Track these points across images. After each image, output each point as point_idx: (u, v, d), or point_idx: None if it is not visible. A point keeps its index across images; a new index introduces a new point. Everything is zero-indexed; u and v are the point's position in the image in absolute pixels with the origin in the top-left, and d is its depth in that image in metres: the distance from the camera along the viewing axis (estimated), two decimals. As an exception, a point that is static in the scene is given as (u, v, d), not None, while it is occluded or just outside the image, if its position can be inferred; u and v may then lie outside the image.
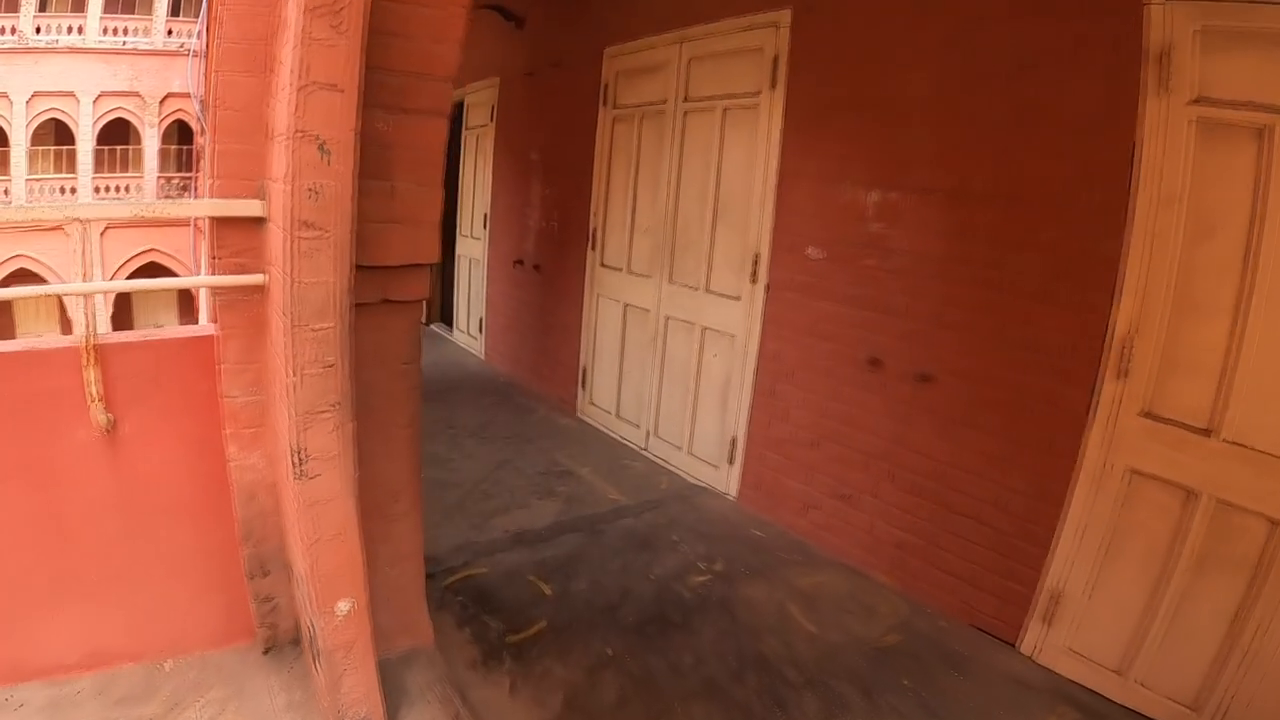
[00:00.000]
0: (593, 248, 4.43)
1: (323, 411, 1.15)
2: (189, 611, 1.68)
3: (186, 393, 1.48)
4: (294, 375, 1.10)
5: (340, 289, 1.13)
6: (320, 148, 1.09)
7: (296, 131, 1.08)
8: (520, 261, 5.37)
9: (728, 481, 3.50)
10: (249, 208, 1.39)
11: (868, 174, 2.75)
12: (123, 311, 15.85)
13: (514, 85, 5.41)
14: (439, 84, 1.38)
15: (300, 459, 1.16)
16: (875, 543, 2.84)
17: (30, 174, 14.68)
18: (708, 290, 3.54)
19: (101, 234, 14.12)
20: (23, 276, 13.90)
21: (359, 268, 1.29)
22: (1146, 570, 2.09)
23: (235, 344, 1.41)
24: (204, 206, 1.40)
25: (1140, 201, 2.02)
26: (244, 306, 1.42)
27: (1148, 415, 2.07)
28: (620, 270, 4.21)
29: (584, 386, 4.67)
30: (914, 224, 2.62)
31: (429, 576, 2.56)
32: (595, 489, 3.57)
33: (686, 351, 3.71)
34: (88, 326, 1.34)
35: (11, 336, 13.55)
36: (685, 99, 3.59)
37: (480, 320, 6.28)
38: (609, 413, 4.43)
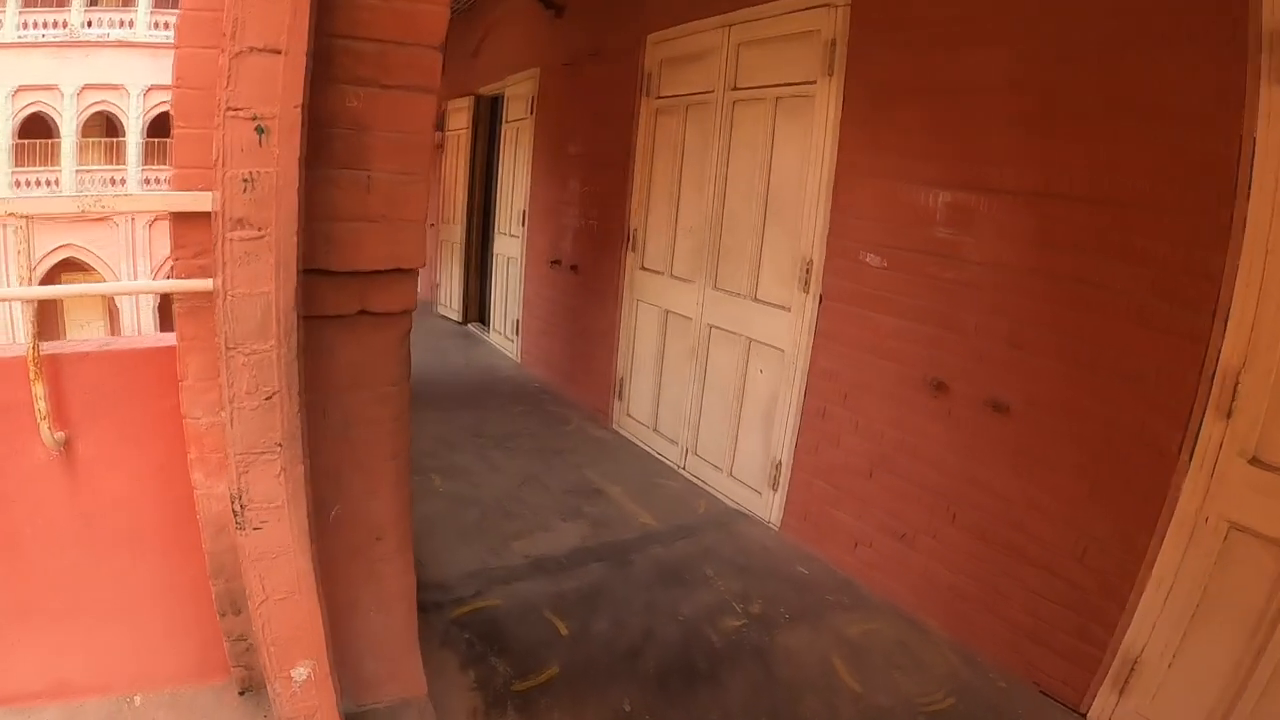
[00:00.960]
0: (632, 249, 4.27)
1: (264, 452, 1.00)
2: (159, 646, 1.59)
3: (148, 411, 1.37)
4: (228, 408, 0.96)
5: (283, 302, 0.96)
6: (256, 126, 0.93)
7: (227, 108, 0.92)
8: (557, 261, 5.24)
9: (770, 509, 3.28)
10: (199, 201, 1.19)
11: (936, 171, 2.50)
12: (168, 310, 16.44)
13: (553, 76, 5.29)
14: (425, 52, 1.20)
15: (241, 507, 1.02)
16: (931, 587, 2.59)
17: (80, 165, 15.36)
18: (754, 299, 3.33)
19: (149, 225, 14.64)
20: (71, 267, 14.52)
21: (329, 274, 1.15)
22: (1240, 640, 1.81)
23: (196, 358, 1.26)
24: (147, 201, 1.29)
25: (1252, 208, 1.75)
26: (205, 315, 1.27)
27: (1254, 462, 1.79)
28: (661, 274, 4.03)
29: (620, 397, 4.51)
30: (989, 229, 2.36)
31: (436, 606, 2.44)
32: (625, 511, 3.40)
33: (730, 365, 3.51)
34: (31, 335, 1.22)
35: (59, 328, 14.17)
36: (733, 88, 3.38)
37: (516, 322, 6.19)
38: (646, 426, 4.26)
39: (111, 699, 1.64)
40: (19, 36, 14.59)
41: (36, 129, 14.90)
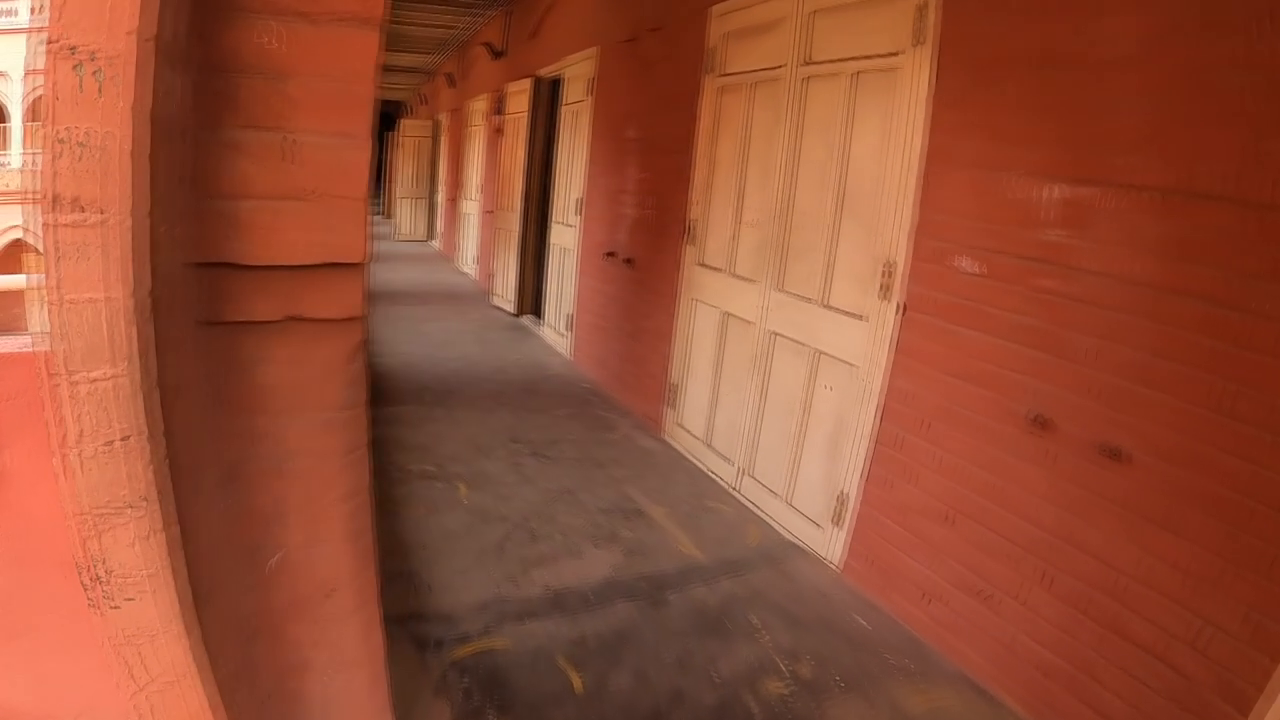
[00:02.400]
0: (691, 242, 3.99)
1: (117, 513, 0.80)
2: (102, 678, 1.44)
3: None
4: (63, 453, 0.75)
5: (126, 312, 0.74)
6: (77, 66, 0.69)
7: (47, 41, 0.69)
8: (612, 254, 5.02)
9: (831, 546, 2.96)
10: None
11: (1047, 159, 2.13)
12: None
13: (612, 55, 5.07)
14: (363, -30, 0.97)
15: (94, 578, 0.82)
16: (1012, 659, 2.23)
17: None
18: (825, 305, 3.00)
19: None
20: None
21: (243, 269, 0.94)
22: None
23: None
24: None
25: None
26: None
27: None
28: (721, 271, 3.74)
29: (672, 405, 4.25)
30: (1111, 233, 1.98)
31: (436, 644, 2.25)
32: (667, 538, 3.14)
33: (795, 379, 3.20)
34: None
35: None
36: (806, 62, 3.06)
37: (569, 317, 6.02)
38: (699, 439, 3.98)
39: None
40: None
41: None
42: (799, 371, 3.16)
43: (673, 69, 4.16)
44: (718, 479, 3.76)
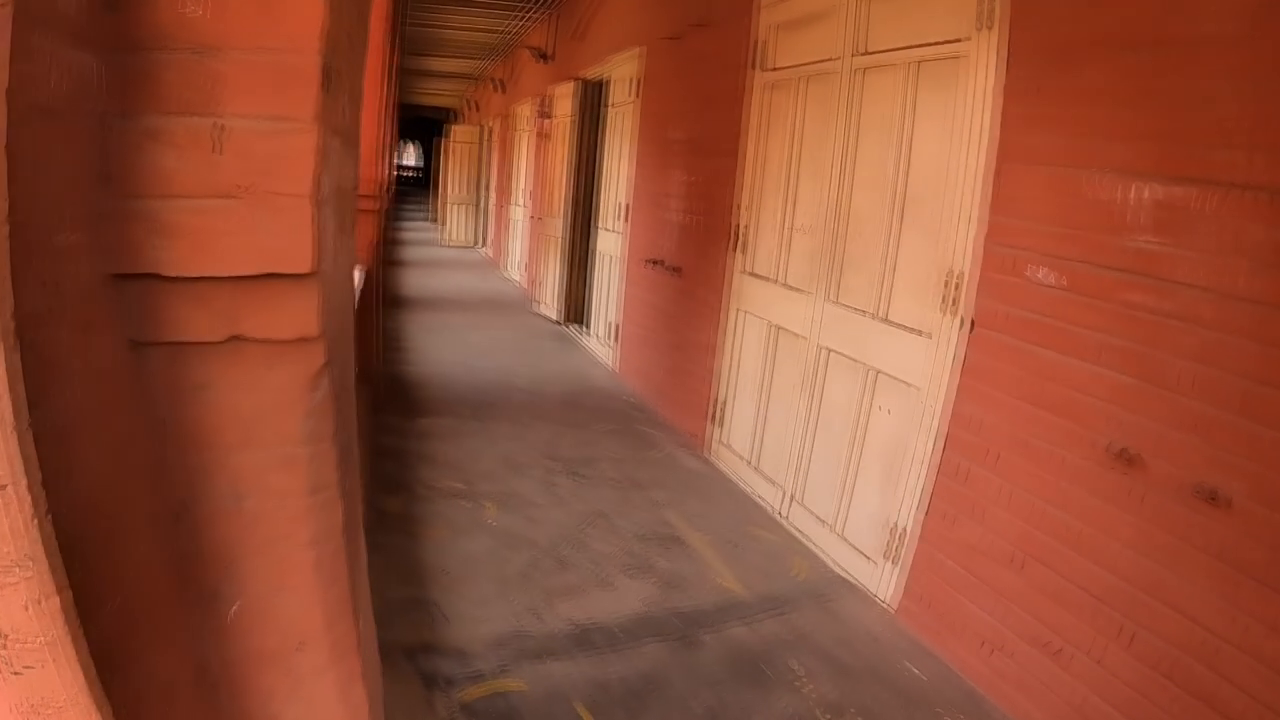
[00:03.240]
0: (739, 250, 3.83)
1: (5, 571, 0.70)
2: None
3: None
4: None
5: None
6: None
7: None
8: (657, 261, 4.89)
9: (884, 584, 2.74)
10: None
11: (1136, 155, 1.90)
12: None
13: (657, 53, 4.95)
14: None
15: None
16: (1092, 724, 2.00)
17: None
18: (883, 319, 2.80)
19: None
20: None
21: (171, 281, 0.83)
22: None
23: None
24: None
25: None
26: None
27: None
28: (770, 281, 3.57)
29: (718, 423, 4.08)
30: (1211, 240, 1.74)
31: (446, 683, 2.14)
32: (706, 569, 2.97)
33: (848, 399, 3.00)
34: None
35: None
36: (861, 53, 2.87)
37: (613, 327, 5.92)
38: (744, 460, 3.81)
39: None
40: None
41: None
42: (853, 391, 2.96)
43: (719, 66, 4.01)
44: (763, 504, 3.58)
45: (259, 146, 0.85)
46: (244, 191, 0.85)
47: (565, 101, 6.79)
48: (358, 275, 4.03)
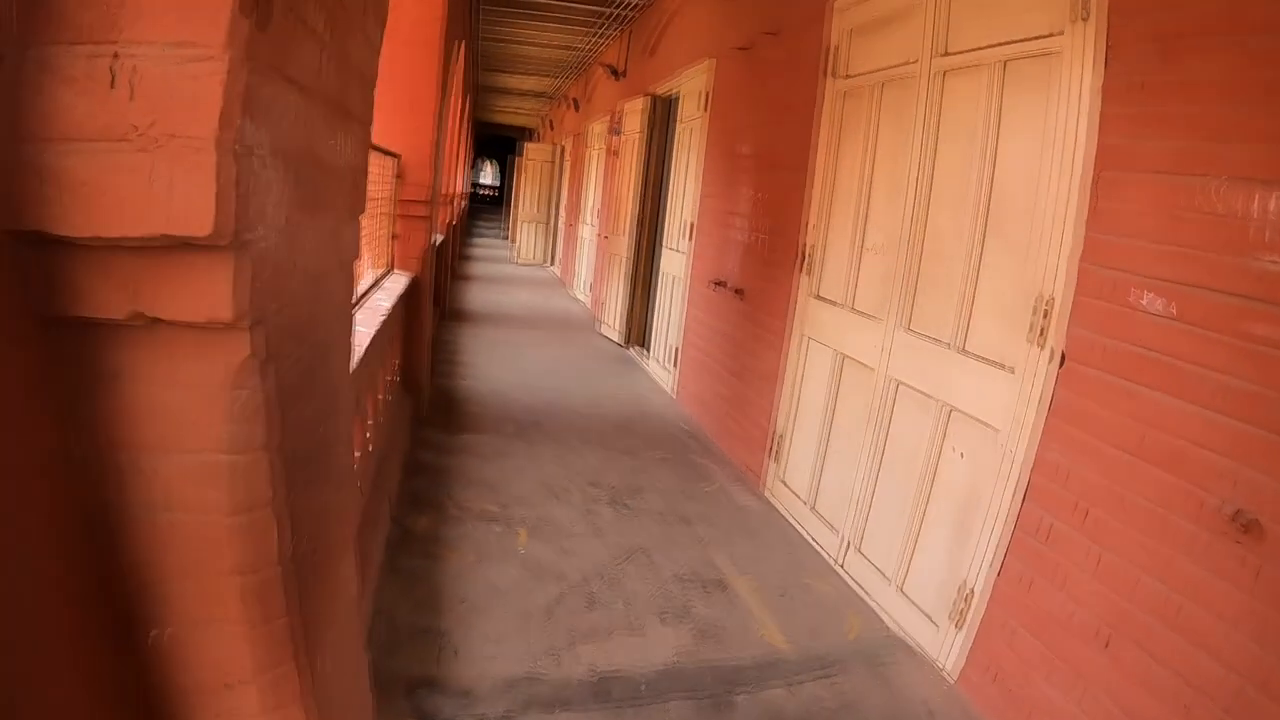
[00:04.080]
0: (805, 271, 3.63)
1: None
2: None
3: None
4: None
5: None
6: None
7: None
8: (721, 283, 4.72)
9: (947, 650, 2.45)
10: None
11: (1261, 159, 1.62)
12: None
13: (728, 65, 4.83)
14: None
15: None
16: None
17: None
18: (961, 350, 2.54)
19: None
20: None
21: (68, 243, 0.71)
22: None
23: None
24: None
25: None
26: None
27: None
28: (839, 305, 3.34)
29: (775, 457, 3.85)
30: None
31: (446, 731, 1.99)
32: (749, 619, 2.74)
33: (918, 439, 2.74)
34: None
35: None
36: (942, 54, 2.65)
37: (674, 350, 5.76)
38: (801, 500, 3.56)
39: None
40: None
41: None
42: (924, 430, 2.70)
43: (790, 75, 3.85)
44: (819, 549, 3.32)
45: (157, 81, 0.73)
46: (140, 135, 0.73)
47: (635, 118, 6.75)
48: (401, 281, 4.01)
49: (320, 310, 1.26)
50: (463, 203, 16.60)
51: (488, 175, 33.56)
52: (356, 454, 2.80)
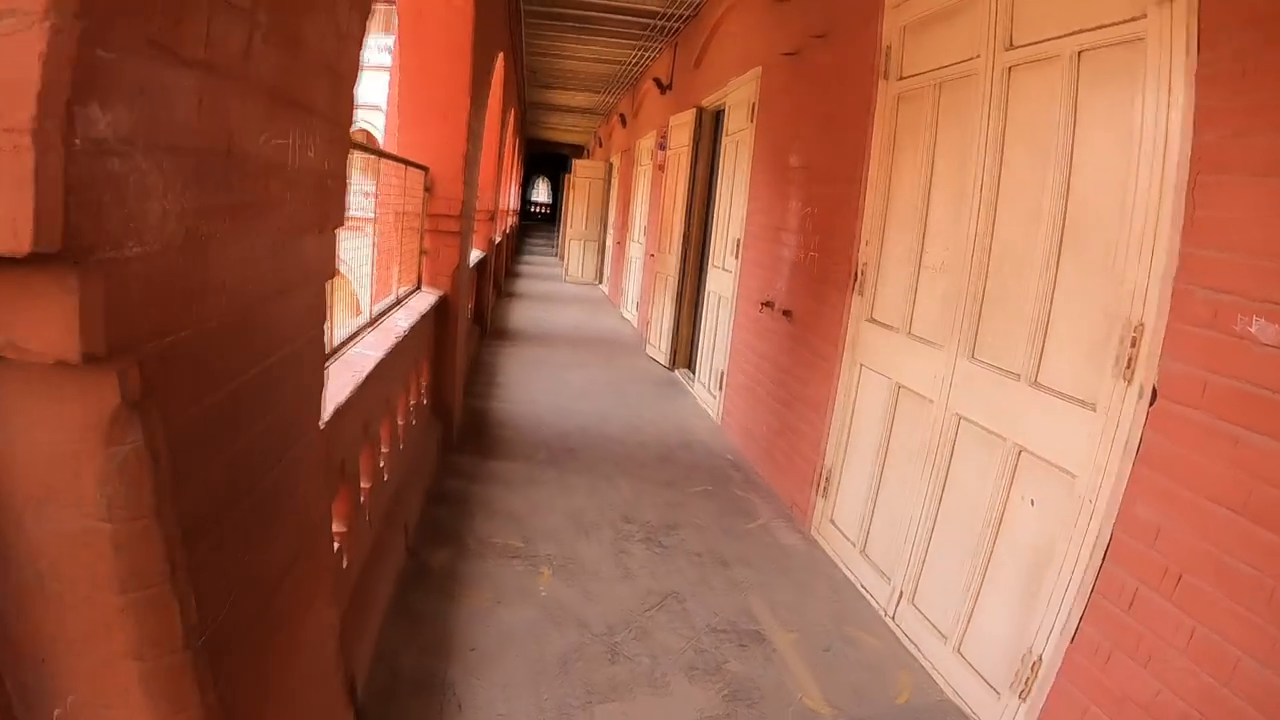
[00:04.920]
0: (858, 292, 3.39)
1: None
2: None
3: None
4: None
5: None
6: None
7: None
8: (769, 304, 4.50)
9: (1020, 730, 2.17)
10: None
11: None
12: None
13: (775, 73, 4.65)
14: None
15: None
16: None
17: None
18: (1033, 382, 2.28)
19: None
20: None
21: None
22: None
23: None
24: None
25: None
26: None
27: None
28: (894, 330, 3.10)
29: (823, 494, 3.60)
30: None
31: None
32: (787, 679, 2.51)
33: (982, 482, 2.47)
34: None
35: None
36: (1008, 47, 2.41)
37: (720, 375, 5.55)
38: (851, 543, 3.30)
39: None
40: None
41: None
42: (989, 472, 2.43)
43: (840, 80, 3.64)
44: (869, 598, 3.06)
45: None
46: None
47: (682, 132, 6.61)
48: (428, 299, 3.91)
49: (263, 336, 1.12)
50: (513, 220, 16.74)
51: (541, 193, 33.98)
52: (365, 485, 2.68)
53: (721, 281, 5.70)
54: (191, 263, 0.86)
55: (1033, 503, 2.24)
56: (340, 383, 2.16)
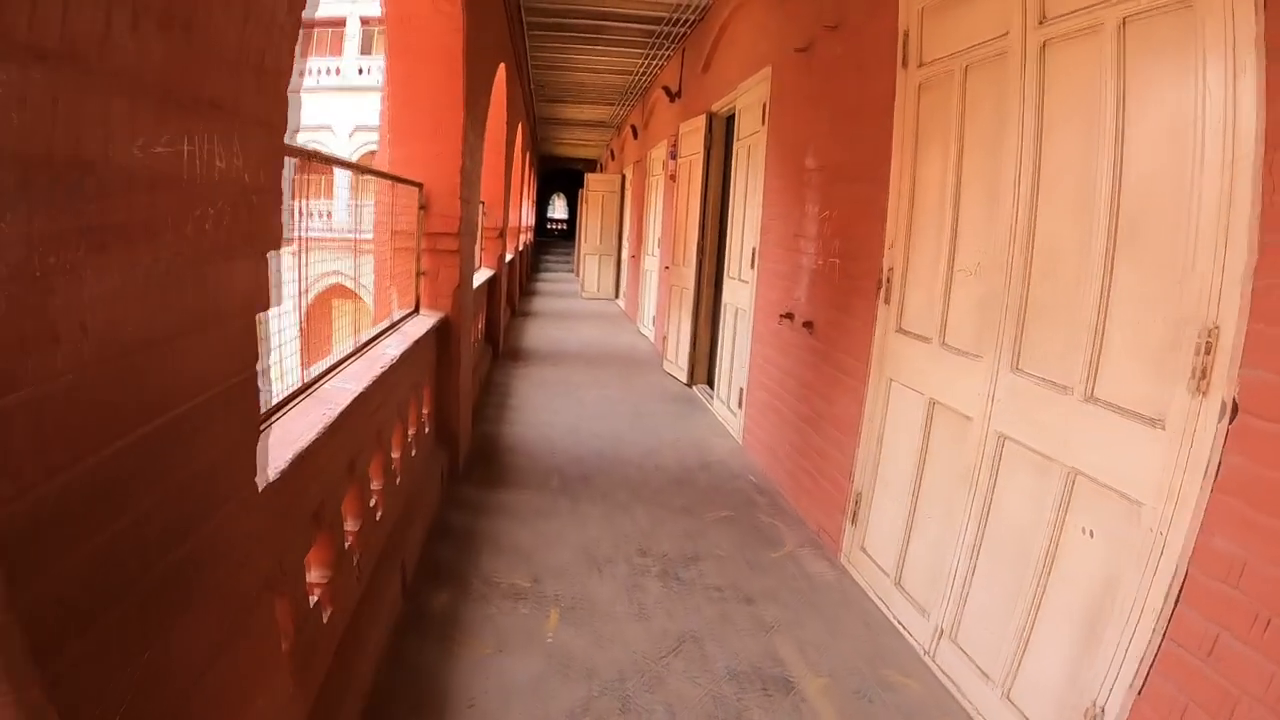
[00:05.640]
0: (885, 300, 3.17)
1: None
2: None
3: None
4: None
5: None
6: None
7: None
8: (788, 315, 4.29)
9: (1086, 795, 1.92)
10: None
11: None
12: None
13: (786, 71, 4.47)
14: None
15: None
16: None
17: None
18: (1089, 397, 2.04)
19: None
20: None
21: None
22: None
23: None
24: None
25: None
26: None
27: None
28: (927, 340, 2.87)
29: (853, 520, 3.37)
30: None
31: None
32: (819, 733, 2.28)
33: (1032, 509, 2.23)
34: None
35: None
36: (1040, 20, 2.18)
37: (740, 392, 5.33)
38: (884, 573, 3.06)
39: None
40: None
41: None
42: (1039, 499, 2.19)
43: (856, 72, 3.45)
44: (905, 634, 2.81)
45: None
46: None
47: (693, 139, 6.45)
48: (425, 323, 3.75)
49: (154, 387, 0.93)
50: (527, 236, 16.67)
51: (558, 209, 34.05)
52: (351, 528, 2.50)
53: (738, 293, 5.50)
54: (27, 303, 0.68)
55: (1091, 534, 2.00)
56: (308, 422, 1.98)
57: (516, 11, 6.68)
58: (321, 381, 2.40)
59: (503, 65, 6.17)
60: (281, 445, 1.85)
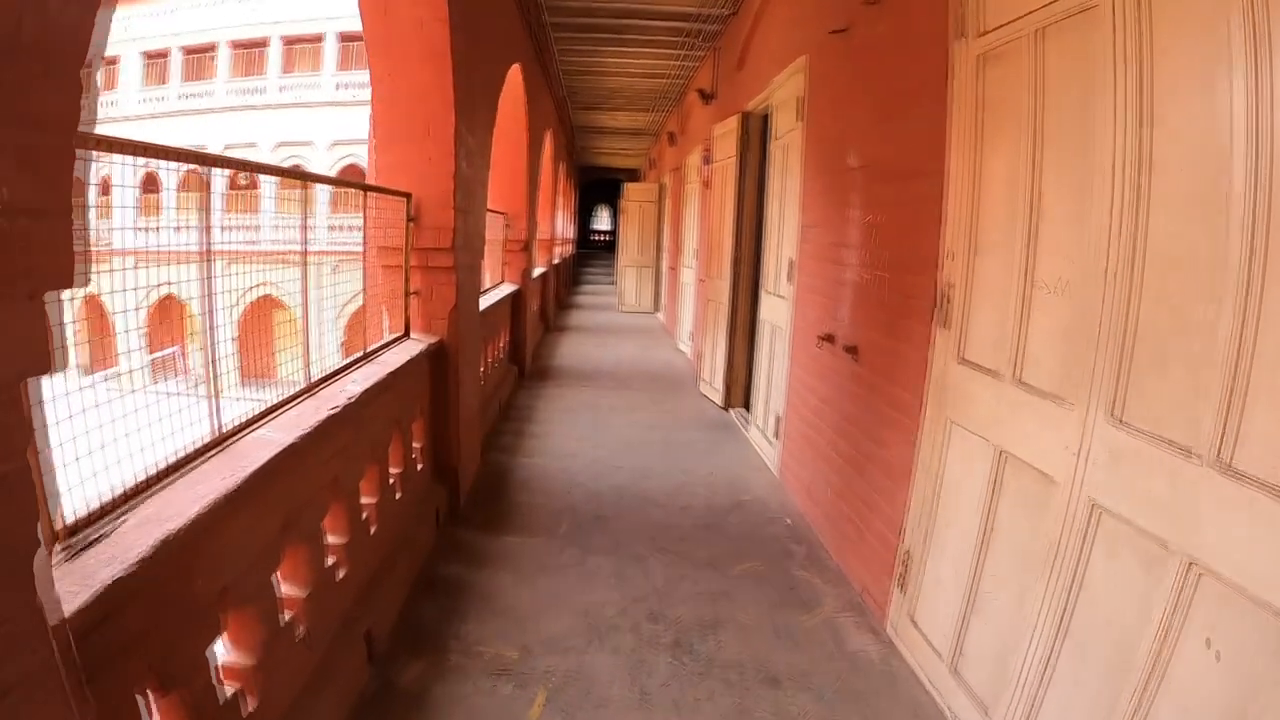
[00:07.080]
0: (943, 324, 2.65)
1: None
2: None
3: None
4: None
5: None
6: None
7: None
8: (829, 338, 3.78)
9: None
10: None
11: None
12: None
13: (823, 58, 3.99)
14: None
15: None
16: None
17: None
18: (1223, 464, 1.50)
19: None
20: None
21: None
22: None
23: None
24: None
25: None
26: None
27: None
28: (996, 376, 2.33)
29: (902, 585, 2.84)
30: None
31: None
32: None
33: (1135, 606, 1.69)
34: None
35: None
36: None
37: (777, 420, 4.83)
38: (937, 654, 2.53)
39: None
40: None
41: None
42: (1146, 595, 1.65)
43: (903, 50, 2.95)
44: (971, 741, 2.28)
45: None
46: None
47: (726, 141, 5.99)
48: (412, 348, 3.35)
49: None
50: (565, 249, 16.37)
51: (603, 220, 33.91)
52: (296, 594, 2.12)
53: (776, 309, 5.00)
54: None
55: (1218, 654, 1.46)
56: (199, 492, 1.59)
57: (535, 11, 6.34)
58: (244, 433, 2.00)
59: (517, 66, 5.80)
60: (153, 524, 1.47)
